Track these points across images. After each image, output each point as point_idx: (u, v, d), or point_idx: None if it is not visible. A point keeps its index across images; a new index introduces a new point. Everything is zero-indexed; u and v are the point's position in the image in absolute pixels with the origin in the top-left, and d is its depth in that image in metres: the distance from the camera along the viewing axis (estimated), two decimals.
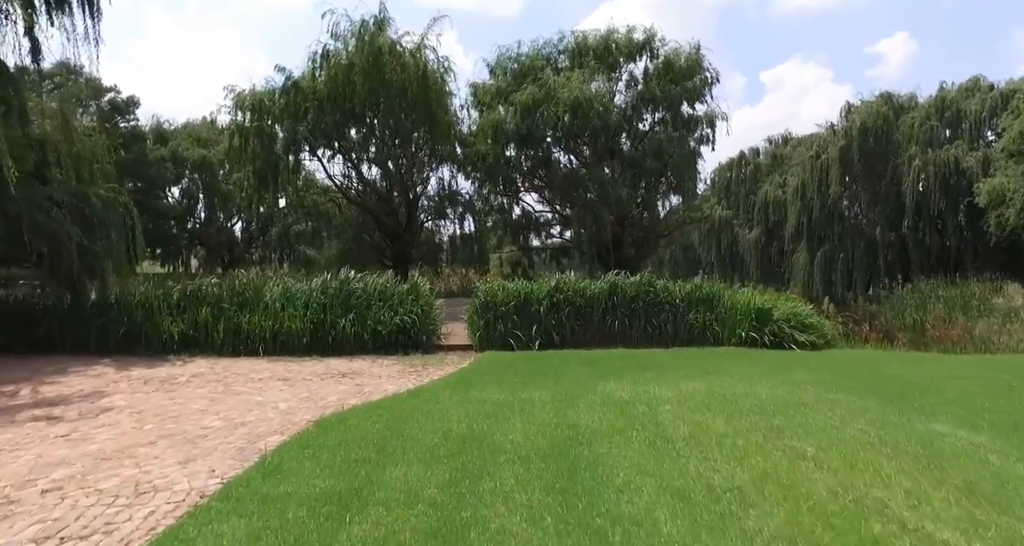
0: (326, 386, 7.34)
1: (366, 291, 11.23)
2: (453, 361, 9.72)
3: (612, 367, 8.59)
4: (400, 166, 20.41)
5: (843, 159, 25.22)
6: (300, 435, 4.79)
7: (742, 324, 11.69)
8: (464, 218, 20.00)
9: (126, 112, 22.61)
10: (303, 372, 8.49)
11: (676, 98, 18.73)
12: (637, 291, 12.21)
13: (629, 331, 11.99)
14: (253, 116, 17.82)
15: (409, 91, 17.02)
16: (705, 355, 10.29)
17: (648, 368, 8.52)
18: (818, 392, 6.32)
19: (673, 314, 12.10)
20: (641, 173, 19.31)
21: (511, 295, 11.58)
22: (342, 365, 9.25)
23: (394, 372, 8.58)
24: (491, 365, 8.92)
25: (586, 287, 12.12)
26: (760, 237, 34.70)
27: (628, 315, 11.99)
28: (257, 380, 7.74)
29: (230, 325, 10.44)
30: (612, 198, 18.26)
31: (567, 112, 16.96)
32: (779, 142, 37.23)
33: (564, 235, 23.54)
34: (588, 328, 11.90)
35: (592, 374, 7.91)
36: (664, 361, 9.34)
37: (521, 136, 18.18)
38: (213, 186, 26.68)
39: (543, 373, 8.04)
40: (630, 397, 6.10)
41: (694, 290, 12.50)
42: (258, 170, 18.65)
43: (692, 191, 20.29)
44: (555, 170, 20.11)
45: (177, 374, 8.19)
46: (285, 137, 16.83)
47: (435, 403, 5.88)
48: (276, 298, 10.93)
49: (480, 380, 7.45)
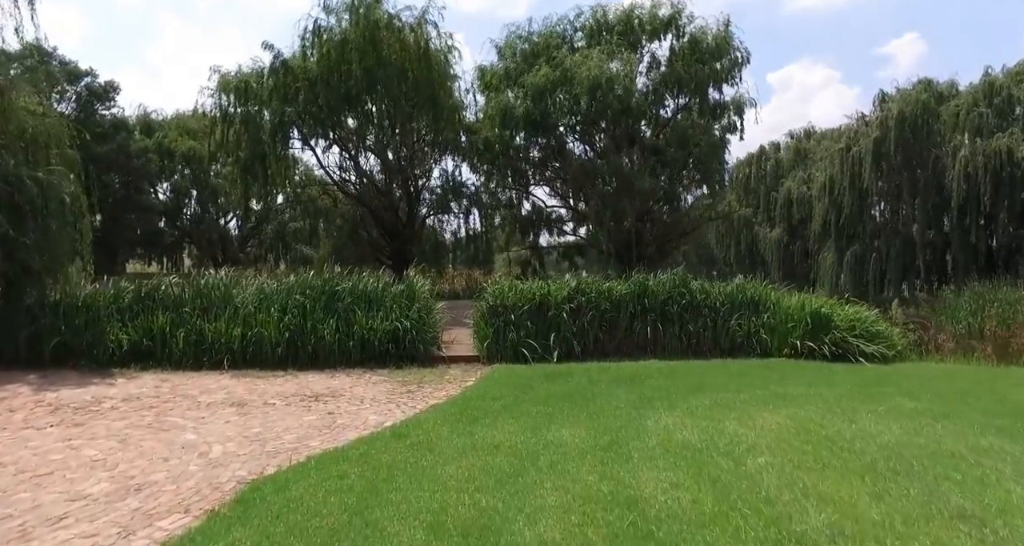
0: (289, 416, 5.64)
1: (354, 292, 9.55)
2: (456, 377, 8.02)
3: (654, 388, 6.85)
4: (400, 156, 18.73)
5: (878, 151, 23.35)
6: (206, 522, 3.06)
7: (795, 332, 9.94)
8: (470, 213, 18.31)
9: (105, 98, 21.04)
10: (268, 393, 6.81)
11: (703, 80, 16.95)
12: (670, 293, 10.49)
13: (661, 339, 10.28)
14: (238, 100, 16.19)
15: (409, 71, 15.34)
16: (759, 370, 8.54)
17: (699, 389, 6.78)
18: (958, 432, 4.57)
19: (712, 320, 10.38)
20: (664, 163, 17.55)
21: (525, 297, 9.86)
22: (319, 382, 7.56)
23: (381, 393, 6.88)
24: (502, 384, 7.20)
25: (611, 288, 10.40)
26: (782, 236, 32.91)
27: (660, 321, 10.27)
28: (204, 406, 6.05)
29: (191, 333, 8.78)
30: (634, 190, 16.49)
31: (585, 94, 15.22)
32: (801, 136, 35.35)
33: (578, 232, 21.80)
34: (614, 336, 10.19)
35: (633, 398, 6.18)
36: (714, 379, 7.59)
37: (533, 122, 16.45)
38: (204, 180, 25.13)
39: (570, 397, 6.31)
40: (700, 441, 4.37)
41: (736, 292, 10.77)
42: (244, 160, 17.05)
43: (720, 183, 18.50)
44: (569, 160, 18.37)
45: (107, 397, 6.51)
46: (272, 120, 15.16)
47: (426, 452, 4.18)
48: (247, 301, 9.26)
49: (490, 408, 5.74)
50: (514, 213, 21.47)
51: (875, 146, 23.15)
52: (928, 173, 22.63)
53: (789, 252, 33.22)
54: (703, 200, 20.45)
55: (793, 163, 33.24)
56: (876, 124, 23.81)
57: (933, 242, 23.79)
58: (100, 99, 20.82)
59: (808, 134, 35.00)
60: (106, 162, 20.43)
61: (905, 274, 25.00)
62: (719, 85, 17.51)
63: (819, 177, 27.70)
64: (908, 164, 23.33)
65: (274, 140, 15.60)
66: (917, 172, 23.26)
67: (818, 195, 27.63)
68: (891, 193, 25.80)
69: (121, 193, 21.68)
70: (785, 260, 32.96)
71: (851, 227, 26.23)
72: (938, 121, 22.63)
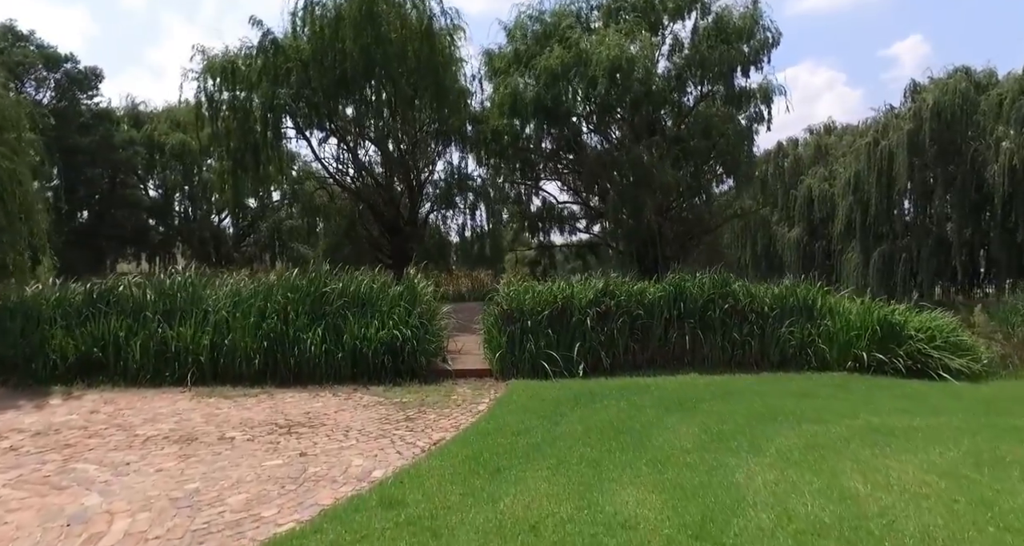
0: (246, 460, 4.25)
1: (345, 294, 8.16)
2: (464, 397, 6.62)
3: (714, 416, 5.44)
4: (402, 146, 17.36)
5: (911, 145, 21.86)
6: None
7: (858, 342, 8.52)
8: (476, 208, 16.89)
9: (87, 87, 19.67)
10: (230, 421, 5.41)
11: (730, 64, 15.52)
12: (710, 296, 9.08)
13: (700, 349, 8.88)
14: (225, 83, 14.83)
15: (410, 50, 13.98)
16: (828, 389, 7.11)
17: (771, 418, 5.37)
18: None
19: (759, 327, 8.99)
20: (687, 155, 16.13)
21: (543, 301, 8.45)
22: (298, 404, 6.17)
23: (372, 421, 5.48)
24: (524, 410, 5.79)
25: (643, 290, 8.99)
26: (802, 236, 31.48)
27: (699, 328, 8.87)
28: (139, 443, 4.66)
29: (151, 342, 7.40)
30: (655, 183, 15.07)
31: (604, 77, 13.80)
32: (821, 131, 33.88)
33: (591, 230, 20.39)
34: (646, 346, 8.80)
35: (696, 433, 4.77)
36: (780, 402, 6.17)
37: (545, 108, 15.05)
38: (195, 175, 23.78)
39: (615, 430, 4.90)
40: (832, 517, 2.96)
41: (786, 295, 9.36)
42: (234, 152, 15.69)
43: (748, 176, 17.06)
44: (584, 151, 16.95)
45: (16, 428, 5.11)
46: (261, 104, 13.77)
47: (429, 539, 2.77)
48: (220, 304, 7.87)
49: (513, 450, 4.34)
50: (523, 209, 20.09)
51: (909, 139, 21.66)
52: (967, 167, 21.14)
53: (809, 253, 31.77)
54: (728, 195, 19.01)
55: (813, 159, 31.76)
56: (909, 116, 22.33)
57: (970, 241, 22.33)
58: (82, 87, 19.49)
59: (828, 129, 33.55)
60: (88, 154, 19.09)
61: (938, 275, 23.52)
62: (746, 68, 16.07)
63: (843, 173, 26.26)
64: (943, 158, 21.84)
65: (265, 128, 14.20)
66: (952, 167, 21.79)
67: (842, 192, 26.18)
68: (923, 189, 24.35)
69: (106, 187, 20.36)
70: (805, 261, 31.50)
71: (879, 226, 24.75)
72: (977, 112, 21.16)
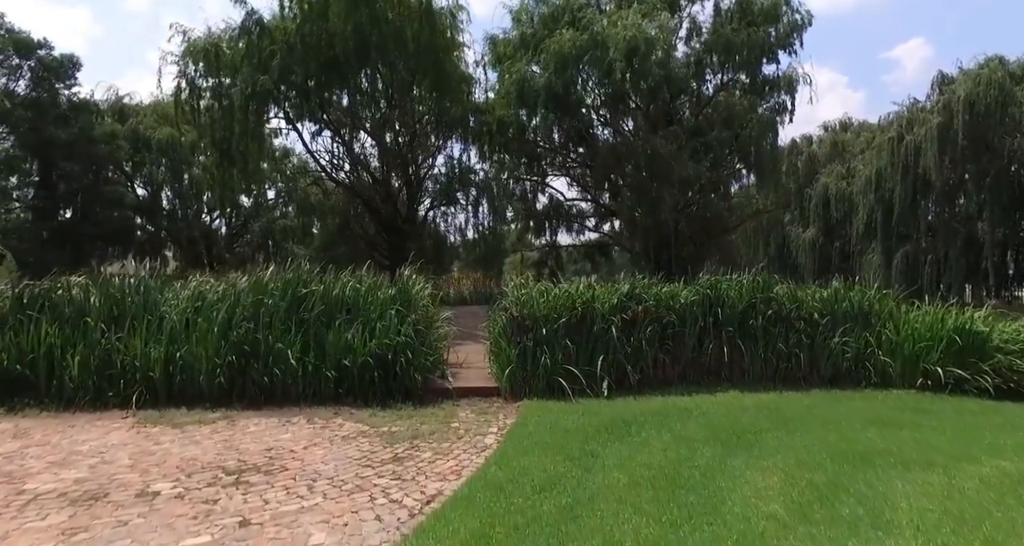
0: (155, 537, 3.00)
1: (327, 297, 6.92)
2: (467, 426, 5.39)
3: (794, 458, 4.20)
4: (399, 138, 16.15)
5: (941, 139, 20.57)
6: None
7: (928, 355, 7.29)
8: (479, 205, 15.64)
9: (64, 76, 18.43)
10: (166, 463, 4.17)
11: (759, 47, 14.29)
12: (750, 301, 7.86)
13: (739, 361, 7.68)
14: (208, 68, 13.64)
15: (408, 31, 12.78)
16: (908, 412, 5.88)
17: (868, 460, 4.13)
18: None
19: (808, 336, 7.79)
20: (707, 147, 14.89)
21: (560, 306, 7.22)
22: (260, 437, 4.93)
23: (349, 463, 4.24)
24: (543, 448, 4.55)
25: (674, 294, 7.76)
26: (817, 236, 30.30)
27: (738, 337, 7.65)
28: (19, 504, 3.41)
29: (93, 355, 6.18)
30: (673, 177, 13.84)
31: (621, 60, 12.58)
32: (836, 128, 32.72)
33: (601, 228, 19.16)
34: (678, 358, 7.58)
35: (783, 489, 3.53)
36: (862, 433, 4.94)
37: (555, 96, 13.83)
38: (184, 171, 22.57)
39: (670, 483, 3.66)
40: None
41: (836, 299, 8.14)
42: (218, 142, 14.52)
43: (772, 170, 15.82)
44: (595, 143, 15.73)
45: None
46: (242, 90, 12.55)
47: None
48: (180, 310, 6.64)
49: (536, 519, 3.11)
50: (528, 207, 18.87)
51: (939, 133, 20.37)
52: (1002, 163, 19.90)
53: (825, 254, 30.57)
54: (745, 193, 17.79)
55: (829, 157, 30.58)
56: (938, 108, 21.06)
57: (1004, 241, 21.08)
58: (58, 76, 18.28)
59: (844, 126, 32.41)
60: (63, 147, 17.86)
61: (968, 277, 22.24)
62: (774, 53, 14.86)
63: (863, 171, 25.06)
64: (975, 153, 20.56)
65: (246, 116, 12.98)
66: (984, 162, 20.52)
67: (862, 190, 24.99)
68: (950, 187, 23.08)
69: (86, 183, 19.14)
70: (821, 263, 30.30)
71: (902, 225, 23.53)
72: (1012, 103, 19.90)
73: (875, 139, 27.11)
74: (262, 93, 12.69)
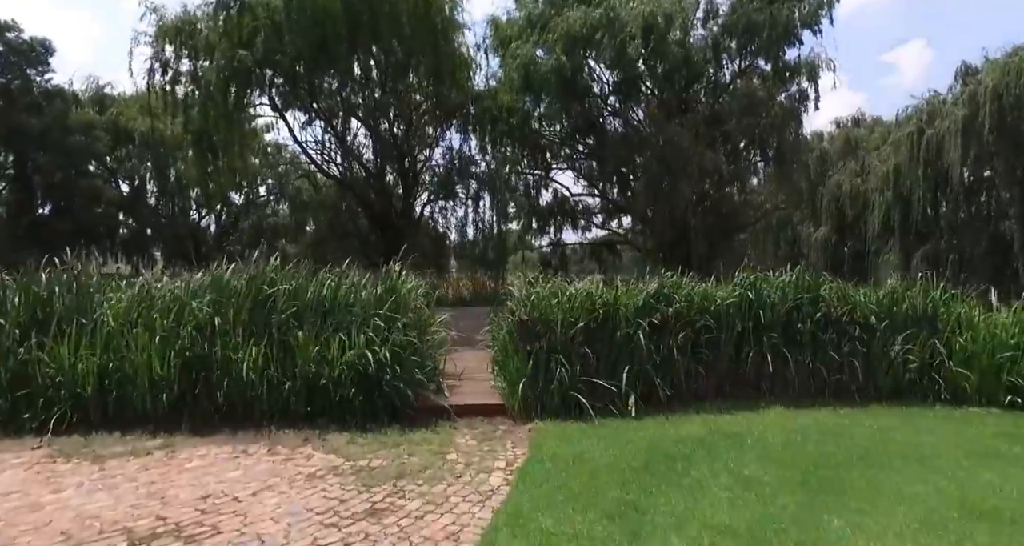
0: None
1: (298, 298, 5.79)
2: (467, 459, 4.27)
3: (913, 512, 3.09)
4: (394, 128, 15.04)
5: (966, 132, 19.49)
6: None
7: (1016, 366, 6.19)
8: (479, 199, 14.55)
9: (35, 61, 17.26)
10: (48, 529, 3.05)
11: (778, 27, 13.21)
12: (795, 302, 6.76)
13: (783, 372, 6.58)
14: (183, 48, 12.52)
15: (403, 8, 11.68)
16: (1015, 441, 4.74)
17: (1009, 520, 3.00)
18: None
19: (864, 344, 6.67)
20: (726, 136, 13.80)
21: (577, 308, 6.09)
22: (197, 480, 3.80)
23: (308, 522, 3.12)
24: (569, 497, 3.44)
25: (709, 295, 6.64)
26: (829, 235, 29.19)
27: (782, 345, 6.55)
28: None
29: (6, 368, 5.05)
30: (690, 168, 12.75)
31: (638, 37, 11.49)
32: (849, 124, 31.64)
33: (609, 225, 18.04)
34: (714, 368, 6.48)
35: None
36: (975, 472, 3.85)
37: (564, 80, 12.74)
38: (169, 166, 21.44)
39: None
40: None
41: (894, 300, 7.04)
42: (196, 130, 13.43)
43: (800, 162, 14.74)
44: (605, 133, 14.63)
45: None
46: (218, 67, 11.41)
47: None
48: (118, 312, 5.51)
49: None
50: (531, 203, 17.76)
51: (964, 126, 19.28)
52: None
53: (838, 254, 29.47)
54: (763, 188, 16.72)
55: (842, 154, 29.53)
56: (963, 100, 19.94)
57: None
58: (29, 61, 17.13)
59: (857, 121, 31.33)
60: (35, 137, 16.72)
61: (993, 279, 21.13)
62: (798, 35, 13.77)
63: (879, 167, 23.97)
64: (1002, 147, 19.48)
65: (225, 98, 11.85)
66: (1014, 157, 19.43)
67: (878, 187, 23.86)
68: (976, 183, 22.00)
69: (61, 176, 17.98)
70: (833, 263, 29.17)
71: (923, 223, 22.45)
72: None
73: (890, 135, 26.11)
74: (242, 72, 11.57)
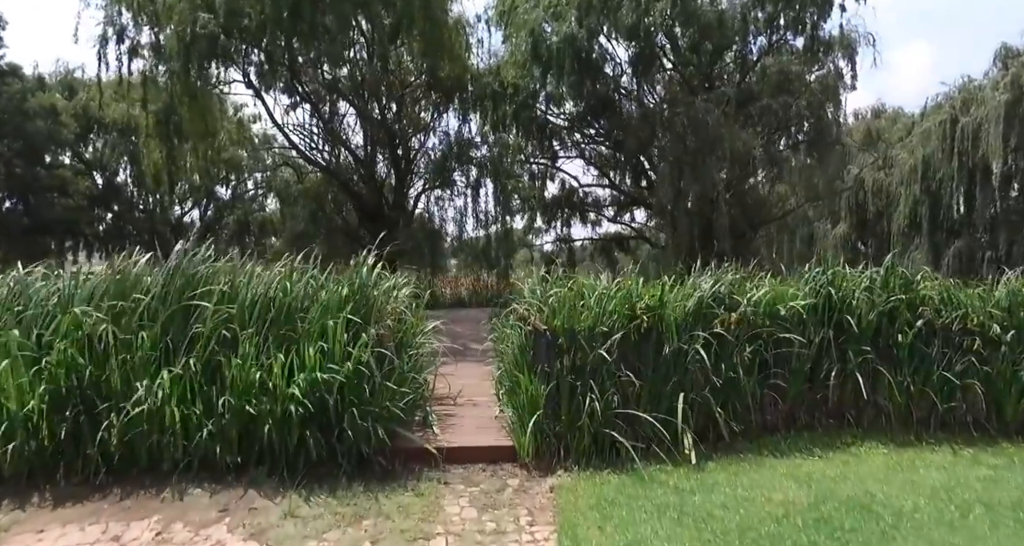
0: None
1: (233, 300, 4.20)
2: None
3: None
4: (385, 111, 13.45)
5: (1009, 119, 17.96)
6: None
7: None
8: (479, 187, 12.97)
9: None
10: None
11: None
12: (889, 305, 5.21)
13: (877, 397, 5.07)
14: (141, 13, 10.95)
15: None
16: None
17: None
18: None
19: (985, 361, 5.11)
20: (760, 114, 12.23)
21: (613, 313, 4.52)
22: None
23: None
24: None
25: (780, 297, 5.08)
26: (849, 232, 27.84)
27: (872, 361, 5.01)
28: None
29: None
30: (720, 150, 11.20)
31: None
32: (868, 116, 30.21)
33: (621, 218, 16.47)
34: (787, 393, 4.93)
35: None
36: None
37: (577, 52, 11.14)
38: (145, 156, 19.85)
39: None
40: None
41: (1019, 303, 5.48)
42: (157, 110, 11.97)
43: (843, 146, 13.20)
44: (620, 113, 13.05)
45: None
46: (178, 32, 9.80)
47: None
48: None
49: None
50: (536, 194, 16.20)
51: (1007, 112, 17.74)
52: None
53: (858, 252, 27.98)
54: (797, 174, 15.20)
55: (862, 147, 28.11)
56: (1005, 83, 18.44)
57: None
58: None
59: (877, 113, 29.94)
60: None
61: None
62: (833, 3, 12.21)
63: (906, 159, 22.52)
64: None
65: (186, 69, 10.24)
66: None
67: (904, 181, 22.41)
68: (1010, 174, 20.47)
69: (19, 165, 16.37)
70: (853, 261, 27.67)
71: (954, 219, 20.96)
72: None
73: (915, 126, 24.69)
74: (205, 39, 9.94)
